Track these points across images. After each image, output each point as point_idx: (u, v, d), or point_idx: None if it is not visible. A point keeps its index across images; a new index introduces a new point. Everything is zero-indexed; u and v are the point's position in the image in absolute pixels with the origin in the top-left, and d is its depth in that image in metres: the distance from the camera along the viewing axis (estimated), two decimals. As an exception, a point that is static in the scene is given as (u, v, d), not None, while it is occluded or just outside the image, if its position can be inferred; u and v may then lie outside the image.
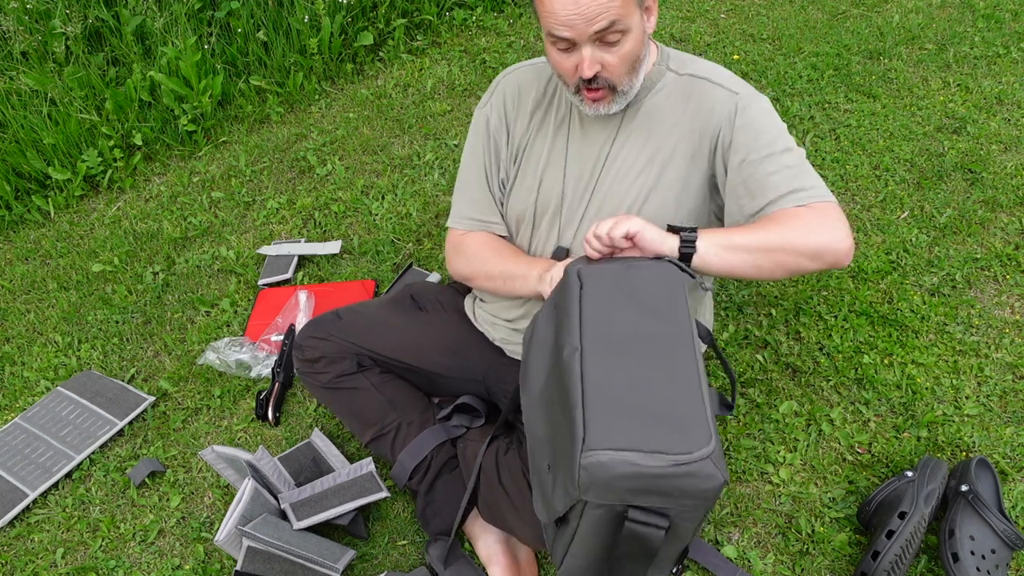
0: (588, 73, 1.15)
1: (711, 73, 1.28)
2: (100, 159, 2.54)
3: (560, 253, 1.35)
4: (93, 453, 1.71)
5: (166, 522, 1.58)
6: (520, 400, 1.20)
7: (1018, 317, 1.82)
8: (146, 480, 1.65)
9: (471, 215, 1.44)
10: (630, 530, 0.93)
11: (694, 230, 1.14)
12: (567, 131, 1.34)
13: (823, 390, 1.69)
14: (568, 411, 0.96)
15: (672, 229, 1.16)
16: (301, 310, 1.93)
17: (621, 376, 0.97)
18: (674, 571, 0.98)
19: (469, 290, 1.60)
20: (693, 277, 1.11)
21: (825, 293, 1.90)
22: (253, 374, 1.83)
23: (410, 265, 2.07)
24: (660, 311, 1.04)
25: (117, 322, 2.05)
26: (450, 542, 1.40)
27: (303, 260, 2.17)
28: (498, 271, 1.38)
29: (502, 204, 1.43)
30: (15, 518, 1.62)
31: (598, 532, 0.97)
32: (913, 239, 2.03)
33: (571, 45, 1.15)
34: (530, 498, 1.28)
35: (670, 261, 1.11)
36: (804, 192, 1.17)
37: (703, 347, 1.15)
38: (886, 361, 1.74)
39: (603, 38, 1.13)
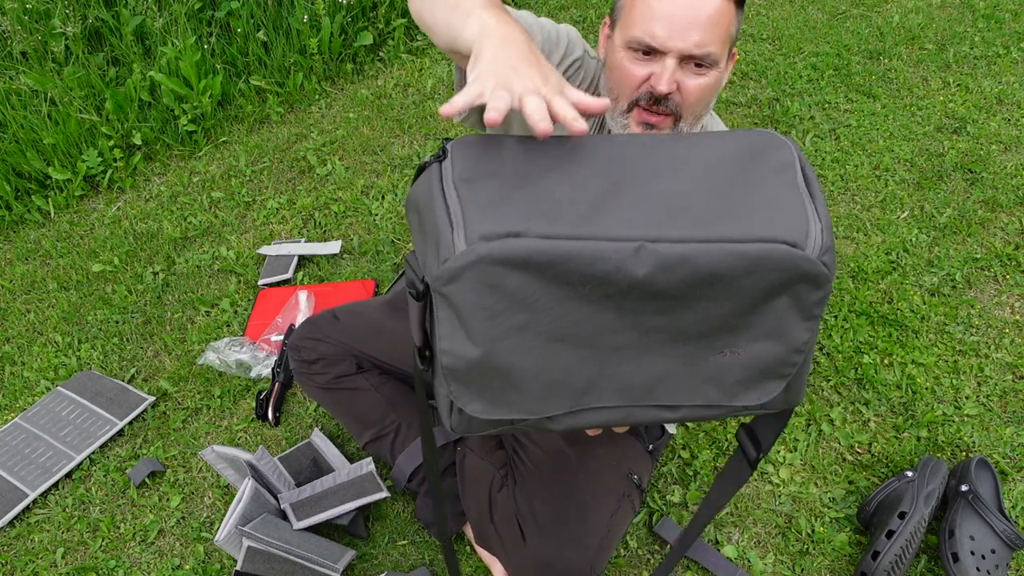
0: (664, 87, 0.98)
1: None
2: (100, 159, 2.54)
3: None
4: (93, 453, 1.71)
5: (166, 522, 1.58)
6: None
7: (1018, 317, 1.82)
8: (146, 480, 1.65)
9: None
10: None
11: None
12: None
13: (823, 390, 1.69)
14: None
15: None
16: (301, 310, 1.93)
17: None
18: None
19: None
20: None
21: (825, 293, 1.90)
22: (253, 374, 1.83)
23: (410, 265, 2.07)
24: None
25: (117, 322, 2.05)
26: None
27: (303, 260, 2.17)
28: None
29: None
30: (15, 518, 1.62)
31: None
32: (913, 239, 2.03)
33: (652, 55, 0.99)
34: (520, 541, 1.27)
35: None
36: None
37: None
38: (886, 361, 1.74)
39: (692, 61, 0.99)
